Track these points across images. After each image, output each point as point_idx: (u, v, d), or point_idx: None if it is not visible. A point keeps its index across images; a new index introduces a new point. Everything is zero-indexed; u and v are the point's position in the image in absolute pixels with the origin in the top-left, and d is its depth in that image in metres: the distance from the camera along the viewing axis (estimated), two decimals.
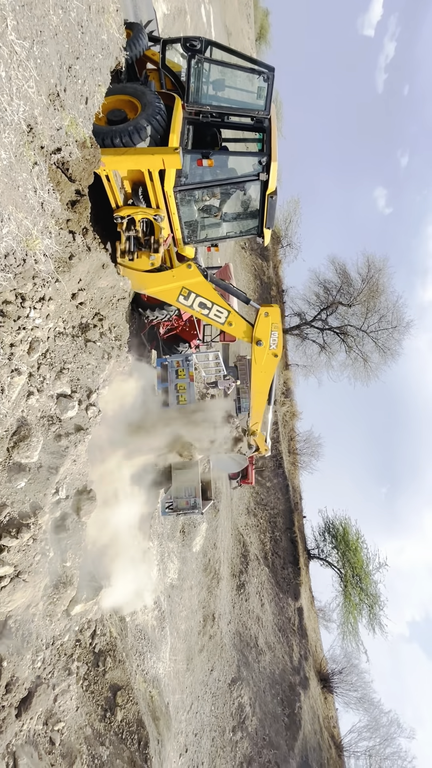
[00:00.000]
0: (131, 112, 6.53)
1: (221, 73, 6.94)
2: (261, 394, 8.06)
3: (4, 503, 4.57)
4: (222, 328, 7.65)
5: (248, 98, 6.93)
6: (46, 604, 5.20)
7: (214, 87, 7.05)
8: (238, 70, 6.74)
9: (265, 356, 7.60)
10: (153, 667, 9.21)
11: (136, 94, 6.62)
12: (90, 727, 5.99)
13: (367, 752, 29.71)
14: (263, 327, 7.45)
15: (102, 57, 4.56)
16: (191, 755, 11.00)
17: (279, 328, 7.48)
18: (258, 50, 43.13)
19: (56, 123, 3.71)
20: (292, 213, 35.85)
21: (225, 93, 7.08)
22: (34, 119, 3.30)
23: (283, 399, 34.08)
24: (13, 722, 4.62)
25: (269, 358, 7.64)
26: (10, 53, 2.91)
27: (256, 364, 7.73)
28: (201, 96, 6.86)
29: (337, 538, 32.16)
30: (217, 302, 7.39)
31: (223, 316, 7.43)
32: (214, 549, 15.92)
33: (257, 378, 7.92)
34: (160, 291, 7.47)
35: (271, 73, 6.56)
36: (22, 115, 3.14)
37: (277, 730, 17.06)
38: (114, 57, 4.94)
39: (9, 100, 2.95)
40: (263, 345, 7.50)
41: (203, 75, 6.81)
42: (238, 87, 7.00)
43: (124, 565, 7.62)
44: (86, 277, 5.78)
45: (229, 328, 7.49)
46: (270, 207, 7.23)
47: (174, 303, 7.51)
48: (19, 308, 4.30)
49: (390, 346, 31.18)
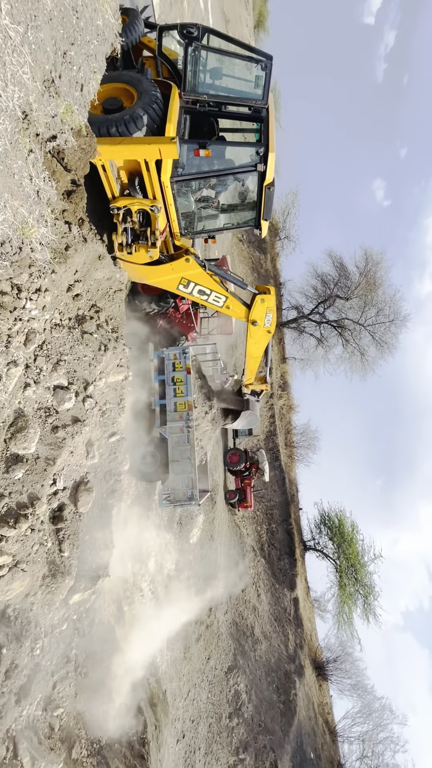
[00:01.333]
0: (127, 101, 6.44)
1: (219, 61, 6.85)
2: (255, 359, 9.25)
3: (2, 494, 4.59)
4: (221, 311, 8.21)
5: (246, 87, 6.85)
6: (45, 593, 5.25)
7: (211, 75, 6.96)
8: (236, 59, 6.65)
9: (260, 333, 8.45)
10: (151, 655, 9.34)
11: (132, 82, 6.53)
12: (88, 712, 6.09)
13: (360, 737, 30.38)
14: (259, 310, 8.13)
15: (97, 43, 4.49)
16: (188, 741, 11.22)
17: (273, 310, 8.17)
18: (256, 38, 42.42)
19: (51, 110, 3.66)
20: (290, 205, 35.58)
21: (222, 82, 7.00)
22: (29, 106, 3.25)
23: (280, 392, 34.16)
24: (13, 708, 4.69)
25: (263, 334, 8.53)
26: (5, 38, 2.86)
27: (251, 339, 8.64)
28: (198, 84, 6.77)
29: (332, 530, 32.50)
30: (215, 289, 7.86)
31: (222, 300, 7.95)
32: (211, 540, 16.06)
33: (251, 349, 8.94)
34: (160, 281, 7.83)
35: (269, 61, 6.48)
36: (17, 101, 3.10)
37: (272, 717, 17.39)
38: (109, 43, 4.86)
39: (3, 86, 2.91)
40: (258, 325, 8.26)
41: (200, 63, 6.72)
42: (235, 76, 6.91)
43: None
44: (82, 268, 5.75)
45: (228, 311, 8.12)
46: (267, 198, 7.19)
47: (175, 291, 7.91)
48: (15, 299, 4.28)
49: (387, 340, 31.24)
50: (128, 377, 7.47)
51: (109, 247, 6.81)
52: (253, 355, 9.26)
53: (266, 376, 10.07)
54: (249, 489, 20.86)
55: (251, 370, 9.74)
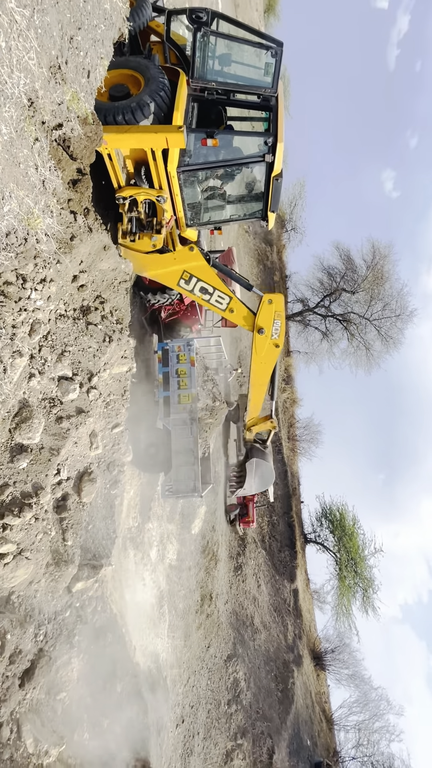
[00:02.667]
0: (134, 88, 6.34)
1: (228, 47, 6.71)
2: (260, 386, 7.70)
3: (7, 483, 4.64)
4: (223, 315, 7.30)
5: (255, 74, 6.72)
6: (48, 581, 5.33)
7: (220, 62, 6.83)
8: (246, 45, 6.51)
9: (266, 346, 7.23)
10: (151, 642, 9.50)
11: (140, 68, 6.41)
12: (91, 697, 6.22)
13: (356, 726, 30.90)
14: (266, 314, 7.17)
15: (104, 28, 4.40)
16: (188, 725, 11.46)
17: (282, 316, 7.23)
18: (266, 23, 41.44)
19: (57, 97, 3.60)
20: (297, 196, 35.13)
21: (231, 69, 6.86)
22: (34, 93, 3.20)
23: (284, 386, 34.11)
24: (17, 691, 4.80)
25: (270, 348, 7.26)
26: (10, 22, 2.81)
27: (257, 354, 7.37)
28: (206, 71, 6.64)
29: (333, 523, 32.69)
30: (219, 287, 7.18)
31: (225, 302, 7.17)
32: (213, 532, 16.20)
33: (257, 368, 7.51)
34: (161, 274, 7.26)
35: (279, 48, 6.34)
36: (23, 88, 3.05)
37: (270, 704, 17.70)
38: (117, 28, 4.76)
39: (9, 72, 2.86)
40: (265, 333, 7.18)
41: (209, 49, 6.58)
42: (244, 62, 6.77)
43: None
44: (87, 258, 5.72)
45: (231, 314, 7.26)
46: (275, 190, 7.09)
47: (174, 287, 7.28)
48: (20, 289, 4.27)
49: (393, 335, 31.01)
50: (132, 369, 7.47)
51: (113, 236, 6.76)
52: (258, 380, 7.63)
53: (271, 412, 8.42)
54: (251, 504, 19.16)
55: (256, 403, 7.92)
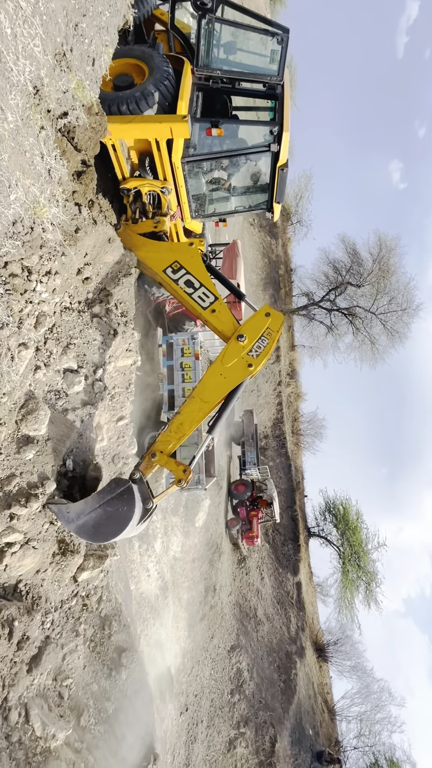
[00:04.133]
0: (138, 77, 6.28)
1: (233, 35, 6.62)
2: (201, 406, 5.58)
3: (13, 473, 4.69)
4: (201, 314, 6.06)
5: (261, 62, 6.63)
6: (54, 570, 5.40)
7: (225, 50, 6.74)
8: (251, 32, 6.41)
9: (238, 358, 5.62)
10: (156, 632, 9.63)
11: (144, 57, 6.35)
12: (96, 684, 6.34)
13: (358, 717, 31.23)
14: (255, 325, 5.80)
15: (109, 15, 4.34)
16: (191, 714, 11.64)
17: (273, 339, 5.79)
18: (272, 10, 40.72)
19: (63, 85, 3.57)
20: (304, 188, 34.77)
21: (236, 57, 6.77)
22: (40, 80, 3.18)
23: (288, 380, 34.05)
24: (25, 677, 4.89)
25: (240, 365, 5.61)
26: (16, 8, 2.78)
27: (221, 364, 5.64)
28: (211, 60, 6.57)
29: (337, 518, 32.78)
30: (207, 286, 6.15)
31: (208, 300, 6.03)
32: (217, 524, 16.31)
33: (211, 382, 5.63)
34: (151, 256, 6.38)
35: (285, 34, 6.24)
36: (28, 75, 3.03)
37: (273, 694, 17.92)
38: (122, 15, 4.70)
39: (15, 59, 2.84)
40: (243, 344, 5.65)
41: (214, 37, 6.50)
42: (250, 50, 6.68)
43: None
44: (92, 251, 5.71)
45: (211, 315, 5.98)
46: (281, 180, 7.02)
47: (158, 272, 6.32)
48: (25, 281, 4.28)
49: (398, 329, 30.80)
50: (137, 362, 7.48)
51: (117, 227, 6.73)
52: (204, 396, 5.58)
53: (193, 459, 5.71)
54: (255, 520, 17.83)
55: (182, 427, 5.55)
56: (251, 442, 20.10)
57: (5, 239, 3.16)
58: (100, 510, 4.87)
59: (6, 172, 2.91)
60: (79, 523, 4.87)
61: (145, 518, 5.39)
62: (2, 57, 2.72)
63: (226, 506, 18.59)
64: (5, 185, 2.94)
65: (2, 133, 2.82)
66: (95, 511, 4.86)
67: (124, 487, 4.99)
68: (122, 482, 5.05)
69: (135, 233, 6.67)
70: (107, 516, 4.87)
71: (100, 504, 4.89)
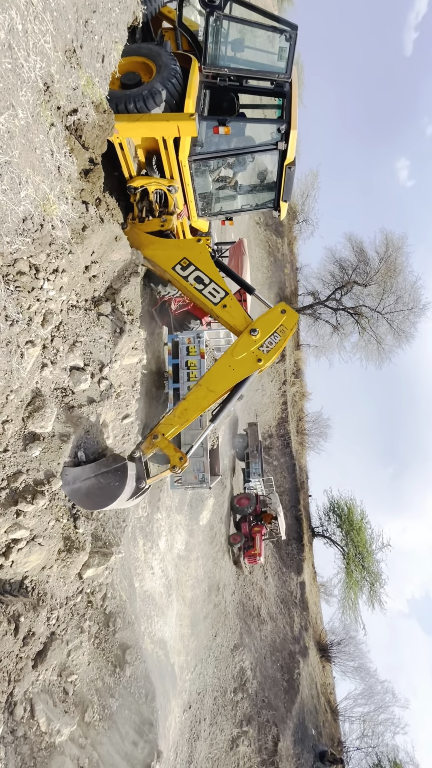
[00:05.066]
0: (146, 75, 6.27)
1: (240, 32, 6.59)
2: (207, 394, 5.72)
3: (20, 470, 4.71)
4: (213, 310, 6.10)
5: (268, 60, 6.59)
6: (60, 567, 5.43)
7: (232, 48, 6.71)
8: (259, 29, 6.38)
9: (248, 352, 5.68)
10: (160, 630, 9.65)
11: (151, 55, 6.34)
12: (101, 680, 6.37)
13: (361, 717, 31.16)
14: (270, 320, 5.82)
15: (119, 11, 4.34)
16: (194, 711, 11.67)
17: (286, 336, 5.78)
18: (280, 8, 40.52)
19: (73, 82, 3.57)
20: (310, 187, 34.61)
21: (244, 54, 6.74)
22: (50, 77, 3.18)
23: (293, 379, 33.96)
24: (30, 672, 4.93)
25: (250, 359, 5.69)
26: (27, 4, 2.78)
27: (231, 356, 5.72)
28: (219, 57, 6.55)
29: (341, 518, 32.69)
30: (217, 281, 6.18)
31: (219, 296, 6.06)
32: (221, 523, 16.31)
33: (219, 372, 5.75)
34: (159, 254, 6.44)
35: (294, 31, 6.20)
36: (39, 72, 3.03)
37: (276, 693, 17.92)
38: (131, 12, 4.69)
39: (26, 55, 2.85)
40: (256, 338, 5.68)
41: (222, 34, 6.47)
42: (258, 47, 6.65)
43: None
44: (99, 249, 5.71)
45: (223, 310, 6.01)
46: (288, 178, 6.99)
47: (167, 269, 6.36)
48: (33, 279, 4.30)
49: (405, 329, 30.61)
50: (143, 360, 7.49)
51: (124, 226, 6.74)
52: (210, 385, 5.72)
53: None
54: (259, 536, 16.63)
55: (185, 413, 5.77)
56: (255, 454, 19.95)
57: (16, 236, 3.17)
58: (94, 480, 5.06)
59: (17, 168, 2.92)
60: (73, 486, 5.04)
61: (137, 496, 5.58)
62: (13, 53, 2.73)
63: (230, 509, 18.53)
64: (16, 182, 2.96)
65: (13, 129, 2.83)
66: (90, 480, 5.05)
67: (119, 464, 5.23)
68: (119, 459, 5.31)
69: (142, 231, 6.68)
70: (99, 487, 5.05)
71: (95, 474, 5.09)
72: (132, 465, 5.37)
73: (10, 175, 2.92)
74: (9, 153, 2.83)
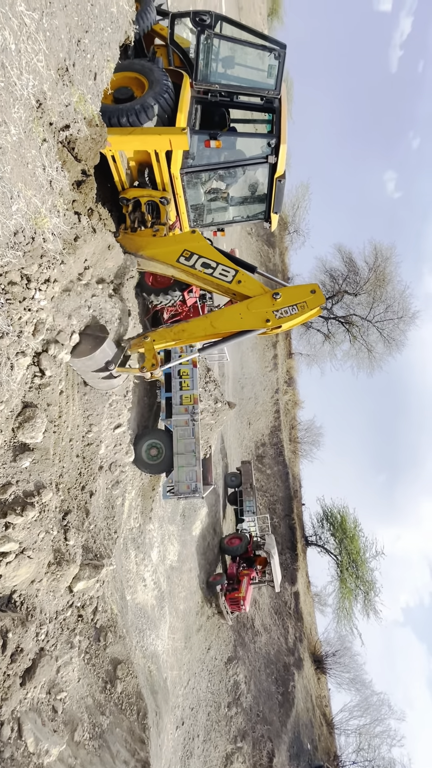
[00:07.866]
0: (138, 90, 6.39)
1: (231, 50, 6.76)
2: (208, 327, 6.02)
3: (9, 482, 4.65)
4: (230, 288, 6.13)
5: (258, 77, 6.77)
6: (50, 580, 5.33)
7: (223, 64, 6.88)
8: (249, 47, 6.56)
9: (261, 311, 5.82)
10: (152, 643, 9.49)
11: (144, 71, 6.47)
12: (91, 697, 6.22)
13: (357, 730, 30.72)
14: (296, 293, 5.85)
15: (111, 31, 4.44)
16: (188, 728, 11.42)
17: (304, 314, 5.83)
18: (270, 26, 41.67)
19: (65, 99, 3.64)
20: (301, 198, 35.28)
21: (234, 71, 6.91)
22: (43, 94, 3.24)
23: (285, 388, 34.09)
24: (18, 690, 4.80)
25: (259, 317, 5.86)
26: (20, 25, 2.84)
27: (246, 307, 5.86)
28: (210, 74, 6.70)
29: (335, 526, 32.63)
30: (223, 262, 6.26)
31: (230, 274, 6.14)
32: (214, 533, 16.18)
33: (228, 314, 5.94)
34: (160, 252, 6.49)
35: (282, 50, 6.39)
36: (32, 89, 3.09)
37: (270, 707, 17.62)
38: (123, 31, 4.81)
39: (19, 73, 2.90)
40: (276, 303, 5.77)
41: (212, 52, 6.64)
42: (248, 65, 6.83)
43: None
44: (92, 258, 5.74)
45: (239, 285, 6.09)
46: (278, 191, 7.13)
47: (173, 264, 6.39)
48: (24, 289, 4.30)
49: (395, 337, 31.06)
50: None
51: (116, 236, 6.78)
52: (215, 320, 6.02)
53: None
54: (247, 579, 14.45)
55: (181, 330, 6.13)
56: (249, 491, 19.55)
57: (7, 249, 3.19)
58: (82, 334, 5.77)
59: (8, 183, 2.95)
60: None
61: (103, 377, 6.14)
62: (6, 72, 2.77)
63: (224, 510, 18.17)
64: (8, 197, 2.98)
65: (5, 145, 2.86)
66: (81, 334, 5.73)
67: (100, 334, 5.83)
68: (104, 332, 5.88)
69: (138, 235, 6.75)
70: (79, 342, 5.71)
71: (83, 331, 5.76)
72: (111, 343, 5.89)
73: (2, 189, 2.95)
74: (1, 169, 2.86)
